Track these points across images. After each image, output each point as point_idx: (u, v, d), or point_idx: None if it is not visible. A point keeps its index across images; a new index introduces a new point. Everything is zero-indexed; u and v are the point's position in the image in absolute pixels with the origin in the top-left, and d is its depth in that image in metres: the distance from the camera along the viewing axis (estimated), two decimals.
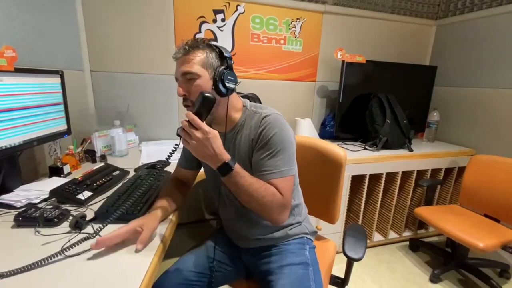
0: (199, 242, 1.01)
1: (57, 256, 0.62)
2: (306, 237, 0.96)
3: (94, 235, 0.69)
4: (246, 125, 0.82)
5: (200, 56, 0.75)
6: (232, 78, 0.76)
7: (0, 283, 0.55)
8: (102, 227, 0.70)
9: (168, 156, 0.74)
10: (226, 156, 0.71)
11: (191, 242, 1.00)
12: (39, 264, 0.60)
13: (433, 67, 2.19)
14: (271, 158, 0.77)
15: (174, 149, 0.74)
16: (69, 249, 0.65)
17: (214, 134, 0.69)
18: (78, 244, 0.66)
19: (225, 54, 0.77)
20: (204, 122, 0.69)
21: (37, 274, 0.58)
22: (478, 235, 1.41)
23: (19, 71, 0.92)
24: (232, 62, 0.78)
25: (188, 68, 0.74)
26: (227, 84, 0.75)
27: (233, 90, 0.78)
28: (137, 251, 0.67)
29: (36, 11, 1.21)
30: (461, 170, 1.93)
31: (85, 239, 0.67)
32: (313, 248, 0.96)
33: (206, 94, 0.70)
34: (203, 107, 0.70)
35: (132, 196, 0.88)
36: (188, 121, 0.68)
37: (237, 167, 0.72)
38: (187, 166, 0.97)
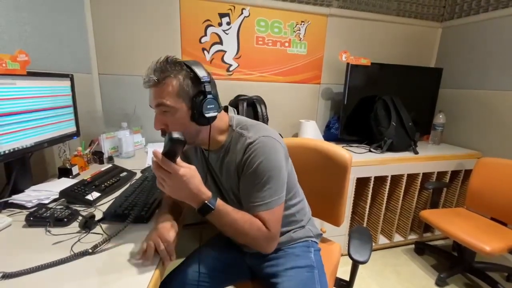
0: (203, 243, 1.01)
1: (69, 260, 0.64)
2: (311, 240, 0.96)
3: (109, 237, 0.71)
4: (232, 148, 0.77)
5: (173, 86, 0.67)
6: (213, 106, 0.69)
7: (7, 283, 0.56)
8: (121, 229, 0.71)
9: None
10: (206, 196, 0.66)
11: (196, 243, 1.01)
12: (49, 265, 0.61)
13: (439, 69, 2.18)
14: (257, 190, 0.72)
15: None
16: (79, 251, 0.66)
17: (191, 174, 0.63)
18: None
19: (201, 79, 0.68)
20: (178, 159, 0.62)
21: (45, 274, 0.59)
22: (485, 239, 1.40)
23: (31, 74, 0.95)
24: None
25: (162, 101, 0.68)
26: (207, 115, 0.69)
27: (215, 117, 0.72)
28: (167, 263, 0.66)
29: (46, 16, 1.24)
30: (468, 173, 1.92)
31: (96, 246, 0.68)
32: (318, 251, 0.96)
33: (174, 136, 0.60)
34: (173, 148, 0.61)
35: (140, 197, 0.90)
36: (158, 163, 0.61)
37: (219, 204, 0.67)
38: None
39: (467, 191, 1.77)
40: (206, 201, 0.65)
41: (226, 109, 0.86)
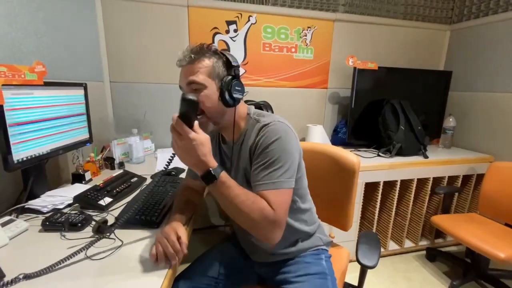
0: (210, 248, 1.02)
1: (78, 253, 0.66)
2: (321, 248, 0.95)
3: (107, 233, 0.73)
4: (248, 134, 0.79)
5: (206, 65, 0.72)
6: (240, 89, 0.74)
7: (27, 284, 0.59)
8: (112, 230, 0.75)
9: (166, 164, 0.71)
10: (212, 164, 0.66)
11: (202, 248, 1.02)
12: (63, 262, 0.63)
13: (448, 72, 2.15)
14: (265, 168, 0.71)
15: (171, 157, 0.71)
16: (93, 254, 0.69)
17: (200, 141, 0.64)
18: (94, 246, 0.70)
19: (232, 63, 0.73)
20: (195, 124, 0.65)
21: (59, 277, 0.62)
22: (499, 245, 1.36)
23: (48, 84, 0.99)
24: (241, 70, 0.74)
25: (194, 78, 0.71)
26: (234, 95, 0.72)
27: (240, 100, 0.76)
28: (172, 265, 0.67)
29: (61, 27, 1.29)
30: (480, 177, 1.88)
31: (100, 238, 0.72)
32: (329, 258, 0.95)
33: (188, 97, 0.63)
34: (187, 111, 0.64)
35: (151, 203, 0.92)
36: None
37: (223, 176, 0.67)
38: (194, 177, 0.93)
39: (480, 196, 1.73)
40: (210, 169, 0.65)
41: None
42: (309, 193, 0.96)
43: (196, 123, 0.66)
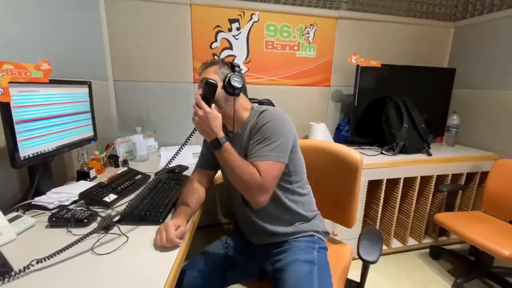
0: (215, 241, 1.05)
1: (84, 238, 0.68)
2: (317, 236, 0.98)
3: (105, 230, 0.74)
4: (250, 122, 0.92)
5: (215, 68, 0.92)
6: (238, 80, 0.88)
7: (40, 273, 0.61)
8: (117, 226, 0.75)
9: (188, 139, 0.88)
10: (220, 134, 0.82)
11: (207, 245, 1.04)
12: (69, 247, 0.66)
13: (452, 70, 2.14)
14: (258, 144, 0.84)
15: (192, 133, 0.88)
16: (99, 249, 0.69)
17: (214, 115, 0.81)
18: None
19: (234, 66, 0.93)
20: (213, 106, 0.82)
21: (65, 273, 0.63)
22: (503, 243, 1.36)
23: (53, 82, 1.00)
24: (243, 69, 0.85)
25: (206, 76, 0.91)
26: (232, 83, 0.86)
27: (240, 89, 0.88)
28: (170, 246, 0.72)
29: (66, 26, 1.31)
30: (484, 175, 1.87)
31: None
32: (323, 249, 0.96)
33: (209, 80, 0.83)
34: (208, 91, 0.83)
35: (155, 199, 0.93)
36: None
37: (227, 144, 0.81)
38: (205, 166, 1.06)
39: (484, 193, 1.72)
40: (218, 137, 0.81)
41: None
42: (308, 182, 1.01)
43: (213, 105, 0.83)
